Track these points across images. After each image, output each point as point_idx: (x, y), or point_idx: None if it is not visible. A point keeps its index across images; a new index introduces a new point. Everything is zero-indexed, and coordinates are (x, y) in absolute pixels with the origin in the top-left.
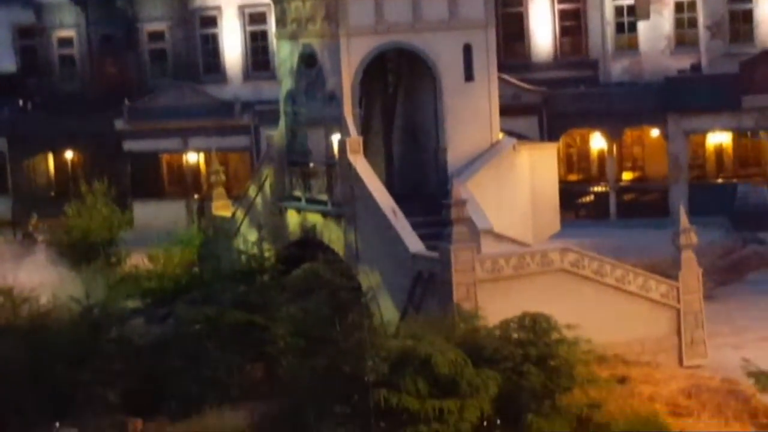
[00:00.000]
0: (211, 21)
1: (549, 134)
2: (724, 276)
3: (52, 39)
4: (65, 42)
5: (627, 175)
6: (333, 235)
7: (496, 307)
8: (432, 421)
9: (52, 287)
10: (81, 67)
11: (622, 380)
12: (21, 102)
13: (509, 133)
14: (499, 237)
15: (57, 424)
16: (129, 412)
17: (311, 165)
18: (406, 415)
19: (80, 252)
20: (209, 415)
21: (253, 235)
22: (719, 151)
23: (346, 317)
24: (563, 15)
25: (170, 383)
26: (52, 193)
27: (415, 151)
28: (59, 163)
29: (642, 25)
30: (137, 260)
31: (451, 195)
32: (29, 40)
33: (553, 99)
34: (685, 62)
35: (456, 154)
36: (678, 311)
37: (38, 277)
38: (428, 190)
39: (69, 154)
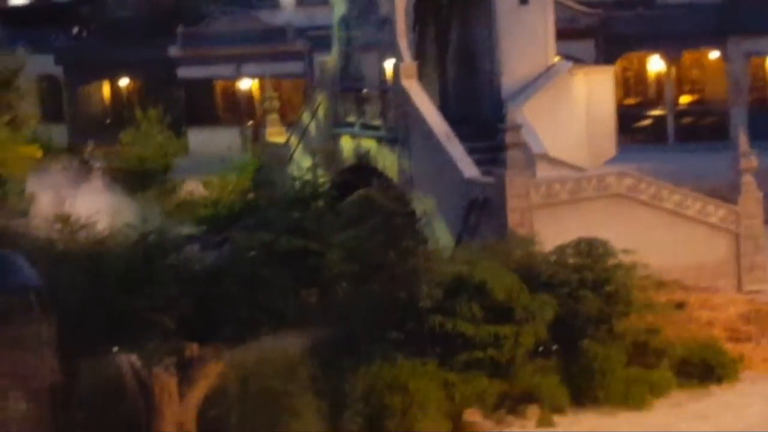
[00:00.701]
0: None
1: (606, 57)
2: None
3: None
4: None
5: (685, 99)
6: (387, 160)
7: (552, 232)
8: (487, 347)
9: (108, 214)
10: None
11: (680, 305)
12: (76, 30)
13: (565, 56)
14: (555, 162)
15: (115, 350)
16: (185, 338)
17: (365, 90)
18: (461, 340)
19: (136, 179)
20: (264, 341)
21: (307, 162)
22: None
23: (401, 243)
24: None
25: (225, 309)
26: (108, 121)
27: (470, 75)
28: (114, 90)
29: None
30: (192, 187)
31: (506, 120)
32: None
33: (610, 21)
34: None
35: (511, 78)
36: (737, 236)
37: (95, 204)
38: (483, 114)
39: (124, 81)
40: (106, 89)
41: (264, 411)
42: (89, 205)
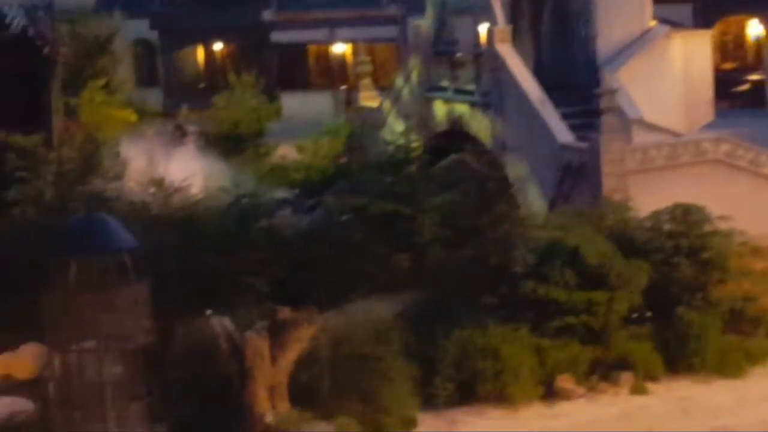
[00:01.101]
0: None
1: (703, 21)
2: None
3: None
4: None
5: None
6: (480, 125)
7: (647, 198)
8: (580, 313)
9: (202, 178)
10: None
11: None
12: None
13: (662, 20)
14: (651, 127)
15: (209, 312)
16: (277, 301)
17: (458, 55)
18: (554, 306)
19: (229, 143)
20: (356, 305)
21: (400, 126)
22: None
23: (494, 208)
24: None
25: (318, 273)
26: (202, 85)
27: (564, 39)
28: (208, 54)
29: None
30: (285, 151)
31: (602, 84)
32: None
33: None
34: None
35: (606, 42)
36: None
37: (189, 168)
38: (578, 79)
39: (218, 46)
40: (200, 53)
41: (355, 375)
42: (183, 168)
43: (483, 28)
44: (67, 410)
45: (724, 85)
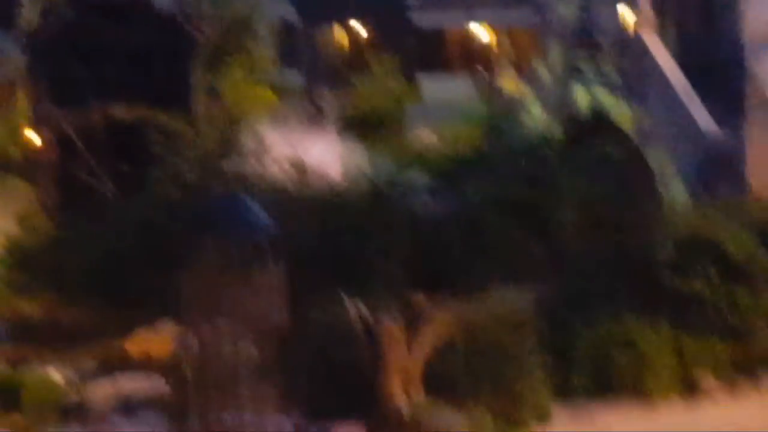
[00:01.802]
0: None
1: None
2: None
3: None
4: None
5: None
6: (622, 113)
7: None
8: (722, 309)
9: (340, 160)
10: None
11: None
12: None
13: None
14: None
15: (343, 296)
16: (413, 287)
17: (601, 42)
18: (695, 300)
19: (368, 126)
20: (491, 293)
21: (539, 112)
22: None
23: (634, 198)
24: None
25: (453, 259)
26: (342, 66)
27: (709, 27)
28: (349, 35)
29: None
30: (423, 135)
31: (747, 72)
32: None
33: None
34: None
35: (753, 30)
36: None
37: (327, 150)
38: (723, 68)
39: (358, 28)
40: (341, 34)
41: (490, 366)
42: (322, 150)
43: (627, 15)
44: (202, 389)
45: None
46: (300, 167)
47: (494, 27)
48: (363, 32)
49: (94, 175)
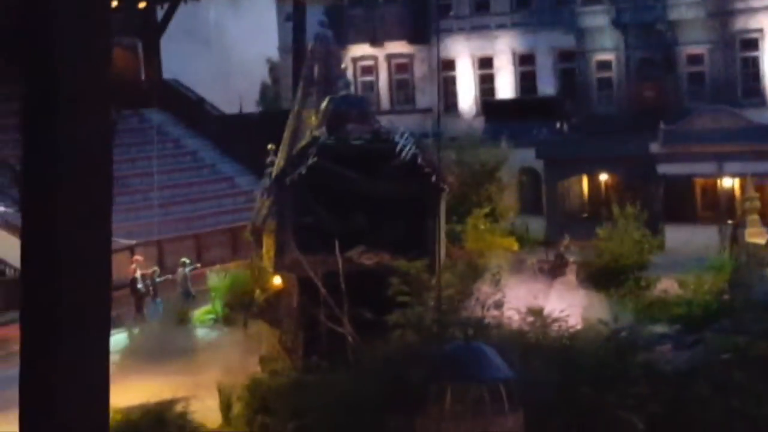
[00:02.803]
0: (753, 43)
1: None
2: None
3: (591, 62)
4: (604, 65)
5: None
6: None
7: None
8: None
9: (580, 309)
10: (617, 89)
11: None
12: (558, 124)
13: None
14: None
15: None
16: None
17: None
18: None
19: (610, 275)
20: None
21: None
22: None
23: None
24: None
25: (696, 412)
26: (585, 215)
27: None
28: (593, 185)
29: None
30: (667, 285)
31: None
32: (568, 63)
33: None
34: None
35: None
36: None
37: (568, 298)
38: None
39: (603, 177)
40: (584, 183)
41: None
42: (562, 298)
43: None
44: None
45: None
46: (540, 314)
47: (743, 178)
48: (608, 181)
49: (336, 320)
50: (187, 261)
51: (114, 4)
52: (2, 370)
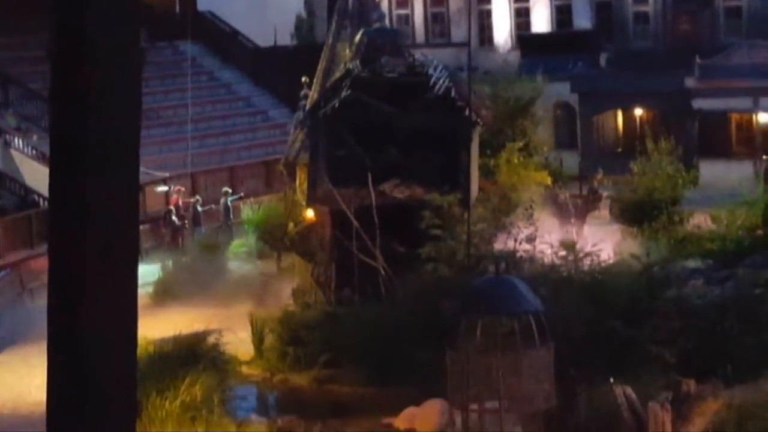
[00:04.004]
0: None
1: None
2: None
3: None
4: None
5: None
6: None
7: None
8: None
9: (613, 243)
10: (654, 24)
11: None
12: (593, 58)
13: None
14: None
15: (611, 381)
16: (683, 373)
17: None
18: None
19: (643, 210)
20: (765, 381)
21: None
22: None
23: None
24: None
25: (727, 346)
26: (619, 150)
27: None
28: (627, 119)
29: None
30: (700, 220)
31: None
32: None
33: None
34: None
35: None
36: None
37: (600, 233)
38: None
39: (638, 111)
40: (619, 118)
41: None
42: (595, 233)
43: None
44: None
45: None
46: (572, 248)
47: None
48: (643, 116)
49: (368, 253)
50: (230, 191)
51: None
52: (42, 300)
